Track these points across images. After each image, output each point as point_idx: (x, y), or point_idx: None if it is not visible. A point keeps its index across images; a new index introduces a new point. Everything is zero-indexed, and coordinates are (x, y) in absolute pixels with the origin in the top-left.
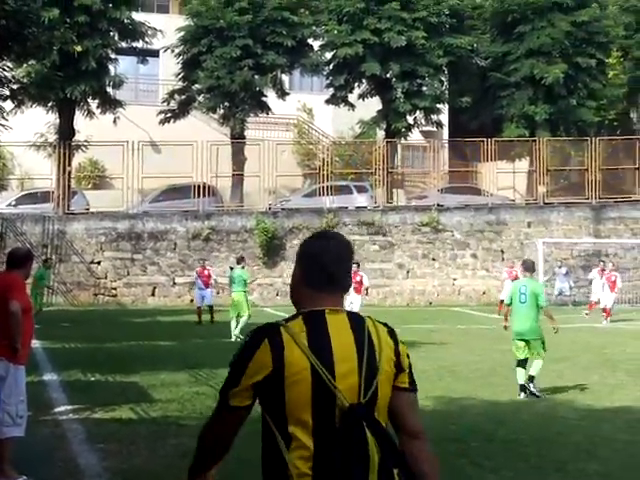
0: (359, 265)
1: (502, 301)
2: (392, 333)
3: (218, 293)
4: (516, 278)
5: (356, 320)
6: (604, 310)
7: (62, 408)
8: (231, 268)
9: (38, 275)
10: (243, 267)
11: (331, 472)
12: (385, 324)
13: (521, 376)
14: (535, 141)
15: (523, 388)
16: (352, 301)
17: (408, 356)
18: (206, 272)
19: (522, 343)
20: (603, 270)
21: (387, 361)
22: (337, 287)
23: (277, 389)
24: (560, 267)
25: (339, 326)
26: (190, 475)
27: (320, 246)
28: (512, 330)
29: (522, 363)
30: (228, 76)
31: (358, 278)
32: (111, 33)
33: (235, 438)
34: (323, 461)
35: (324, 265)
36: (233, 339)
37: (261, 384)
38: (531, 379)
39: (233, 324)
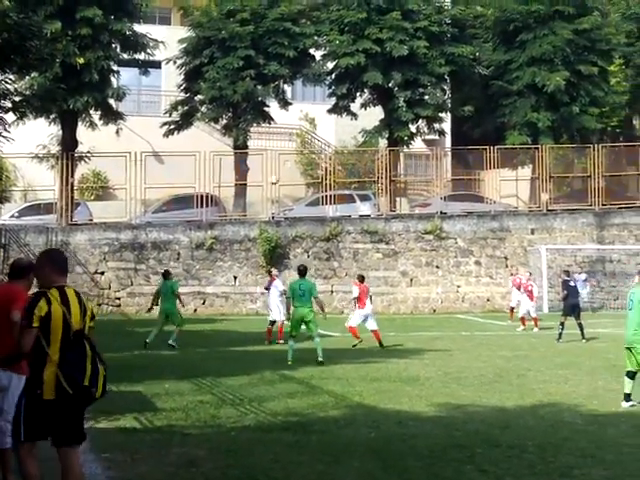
0: (363, 278)
1: (512, 309)
2: (86, 301)
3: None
4: (520, 286)
5: (77, 292)
6: (532, 320)
7: None
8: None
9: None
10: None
11: (68, 362)
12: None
13: (628, 386)
14: (538, 148)
15: (627, 397)
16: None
17: (93, 311)
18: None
19: (628, 352)
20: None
21: (89, 313)
22: (65, 275)
23: (48, 322)
24: (580, 273)
25: (71, 294)
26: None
27: (56, 254)
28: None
29: (630, 374)
30: (230, 86)
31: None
32: (113, 45)
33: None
34: (63, 358)
35: (60, 263)
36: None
37: (43, 318)
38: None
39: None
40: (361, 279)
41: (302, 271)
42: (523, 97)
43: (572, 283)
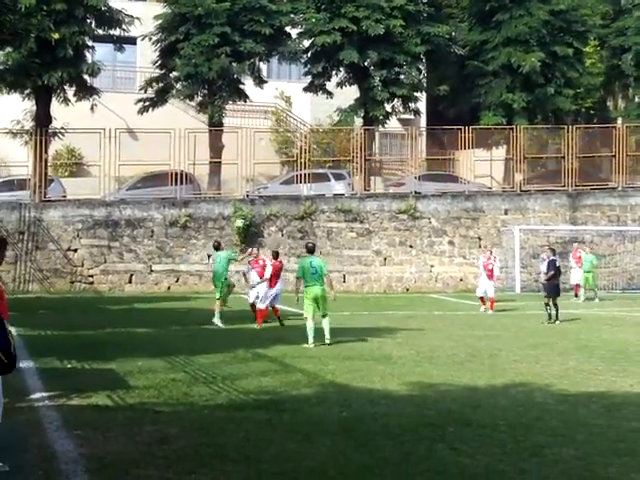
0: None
1: (482, 297)
2: None
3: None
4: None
5: None
6: (488, 301)
7: (38, 395)
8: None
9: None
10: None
11: None
12: None
13: None
14: (512, 129)
15: None
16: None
17: None
18: (261, 262)
19: None
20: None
21: None
22: None
23: None
24: (547, 250)
25: None
26: None
27: None
28: None
29: None
30: (206, 64)
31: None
32: (88, 20)
33: None
34: None
35: None
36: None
37: None
38: None
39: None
40: (275, 255)
41: (311, 248)
42: (498, 77)
43: (557, 263)
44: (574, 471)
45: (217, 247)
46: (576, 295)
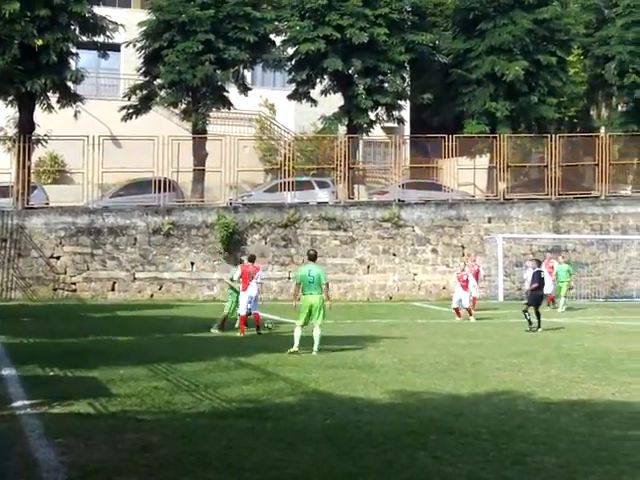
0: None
1: (457, 309)
2: None
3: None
4: (477, 272)
5: None
6: (466, 310)
7: (20, 403)
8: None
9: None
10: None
11: None
12: None
13: None
14: (496, 137)
15: None
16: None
17: None
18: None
19: None
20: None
21: None
22: None
23: None
24: (531, 260)
25: None
26: None
27: None
28: None
29: None
30: (190, 71)
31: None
32: (72, 27)
33: None
34: None
35: None
36: None
37: None
38: None
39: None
40: (250, 259)
41: (312, 256)
42: (482, 86)
43: (542, 274)
44: (556, 479)
45: (236, 263)
46: (548, 305)
